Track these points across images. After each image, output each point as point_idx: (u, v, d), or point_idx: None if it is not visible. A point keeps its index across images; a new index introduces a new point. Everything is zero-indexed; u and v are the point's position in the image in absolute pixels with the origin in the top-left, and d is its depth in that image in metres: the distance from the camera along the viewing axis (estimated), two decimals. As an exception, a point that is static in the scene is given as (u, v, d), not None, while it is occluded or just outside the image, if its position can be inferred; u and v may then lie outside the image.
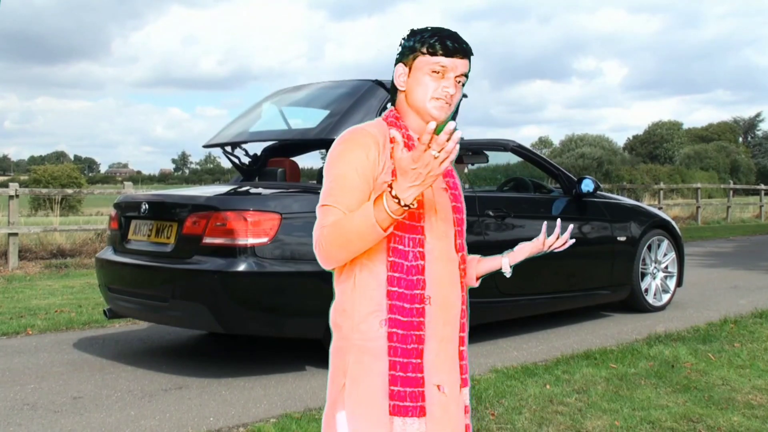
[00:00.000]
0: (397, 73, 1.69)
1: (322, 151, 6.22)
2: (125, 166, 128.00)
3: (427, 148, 1.39)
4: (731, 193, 23.13)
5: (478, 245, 1.80)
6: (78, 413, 3.76)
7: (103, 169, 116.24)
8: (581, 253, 5.82)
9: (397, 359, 1.58)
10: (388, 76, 1.72)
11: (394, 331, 1.58)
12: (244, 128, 5.60)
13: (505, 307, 5.36)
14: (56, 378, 4.42)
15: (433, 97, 1.64)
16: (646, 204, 12.54)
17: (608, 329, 5.78)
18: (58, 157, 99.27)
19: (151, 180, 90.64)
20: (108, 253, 5.06)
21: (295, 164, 5.50)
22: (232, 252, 4.25)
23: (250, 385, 4.24)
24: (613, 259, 6.14)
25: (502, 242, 5.21)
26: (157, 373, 4.51)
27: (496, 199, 5.54)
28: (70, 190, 16.56)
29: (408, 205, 1.45)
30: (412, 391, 1.58)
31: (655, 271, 6.55)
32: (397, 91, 1.70)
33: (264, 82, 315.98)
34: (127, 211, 5.02)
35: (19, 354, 5.04)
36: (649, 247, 6.47)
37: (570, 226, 1.85)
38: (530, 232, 5.41)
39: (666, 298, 6.63)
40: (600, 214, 6.12)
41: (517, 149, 5.82)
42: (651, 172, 48.33)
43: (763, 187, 23.49)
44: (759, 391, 3.97)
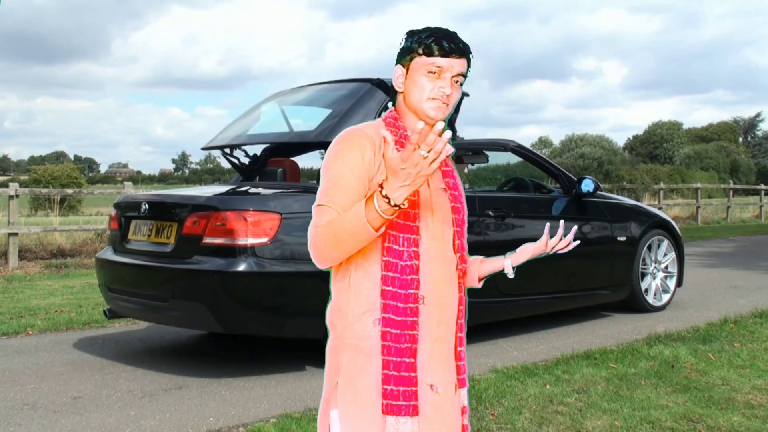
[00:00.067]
0: (395, 74, 1.69)
1: (322, 151, 6.21)
2: (125, 166, 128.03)
3: (416, 149, 1.38)
4: (731, 193, 23.13)
5: (478, 245, 1.80)
6: (78, 413, 3.76)
7: (103, 169, 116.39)
8: (581, 253, 5.76)
9: (391, 358, 1.58)
10: (389, 76, 1.73)
11: (388, 330, 1.58)
12: (243, 130, 5.61)
13: (505, 307, 5.36)
14: (56, 378, 4.42)
15: (430, 98, 1.64)
16: (646, 204, 12.53)
17: (608, 329, 5.78)
18: (58, 157, 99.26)
19: (151, 180, 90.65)
20: (108, 253, 5.07)
21: (295, 164, 5.50)
22: (232, 252, 4.25)
23: (250, 385, 4.24)
24: (613, 259, 6.14)
25: (502, 242, 5.23)
26: (157, 373, 4.51)
27: (496, 199, 5.54)
28: (70, 190, 16.55)
29: (398, 205, 1.45)
30: (405, 390, 1.58)
31: (655, 271, 6.55)
32: (397, 92, 1.71)
33: (264, 82, 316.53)
34: (127, 211, 5.02)
35: (19, 354, 5.04)
36: (649, 247, 6.47)
37: (574, 228, 1.82)
38: (530, 232, 5.46)
39: (666, 298, 6.63)
40: (600, 214, 6.12)
41: (517, 149, 5.82)
42: (651, 172, 48.32)
43: (763, 187, 23.49)
44: (759, 391, 3.97)
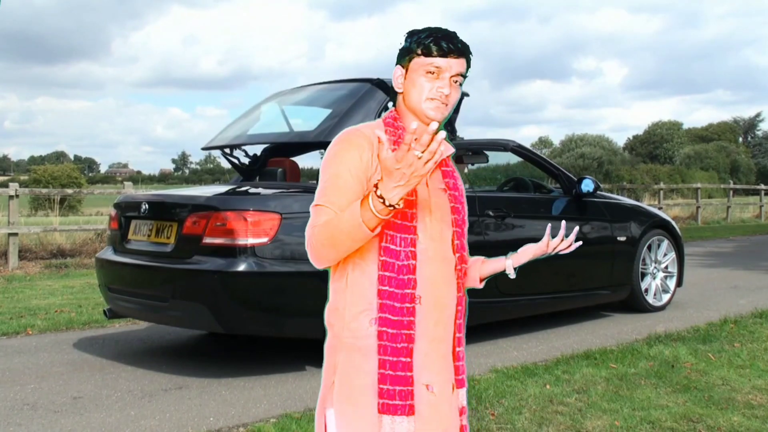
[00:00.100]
0: (395, 75, 1.69)
1: (322, 151, 6.20)
2: (125, 166, 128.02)
3: (411, 149, 1.38)
4: (731, 193, 23.13)
5: (478, 245, 1.79)
6: (78, 413, 3.76)
7: (103, 169, 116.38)
8: (581, 253, 5.73)
9: (387, 358, 1.58)
10: (389, 76, 1.73)
11: (384, 329, 1.58)
12: (243, 130, 5.61)
13: (505, 307, 5.36)
14: (56, 378, 4.42)
15: (428, 98, 1.63)
16: (646, 204, 12.54)
17: (608, 329, 5.78)
18: (58, 157, 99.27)
19: (151, 180, 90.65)
20: (108, 253, 5.07)
21: (295, 164, 5.50)
22: (232, 252, 4.25)
23: (250, 385, 4.24)
24: (613, 259, 6.14)
25: (502, 242, 5.24)
26: (157, 373, 4.51)
27: (496, 199, 5.54)
28: (70, 190, 16.55)
29: (393, 206, 1.45)
30: (402, 390, 1.57)
31: (655, 271, 6.55)
32: (397, 93, 1.71)
33: (264, 82, 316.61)
34: (127, 211, 5.02)
35: (19, 354, 5.04)
36: (649, 247, 6.47)
37: (575, 229, 1.80)
38: (530, 232, 5.46)
39: (666, 298, 6.63)
40: (600, 214, 6.12)
41: (517, 149, 5.82)
42: (651, 172, 48.31)
43: (763, 187, 23.48)
44: (759, 391, 3.97)
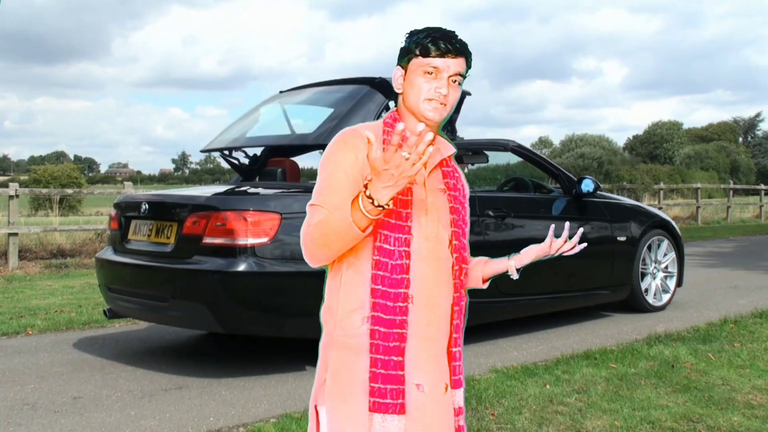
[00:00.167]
0: (395, 75, 1.69)
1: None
2: (125, 166, 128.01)
3: (398, 149, 1.38)
4: (731, 193, 23.14)
5: (478, 245, 1.79)
6: (78, 413, 3.76)
7: (103, 169, 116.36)
8: (581, 253, 5.76)
9: (379, 356, 1.58)
10: (390, 76, 1.73)
11: (377, 328, 1.58)
12: (242, 133, 5.61)
13: (505, 307, 5.36)
14: (56, 378, 4.42)
15: (427, 99, 1.63)
16: (646, 204, 12.54)
17: (608, 329, 5.78)
18: (58, 157, 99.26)
19: (151, 180, 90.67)
20: (108, 253, 5.07)
21: (295, 164, 5.50)
22: (232, 252, 4.25)
23: (250, 385, 4.24)
24: (613, 259, 6.14)
25: (502, 242, 5.24)
26: (157, 373, 4.51)
27: (496, 199, 5.54)
28: (70, 190, 16.55)
29: (382, 206, 1.45)
30: (393, 389, 1.58)
31: (655, 271, 6.55)
32: (398, 94, 1.71)
33: (264, 82, 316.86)
34: (127, 211, 5.02)
35: (19, 354, 5.04)
36: (649, 247, 6.47)
37: (580, 230, 1.80)
38: (530, 232, 5.46)
39: (666, 298, 6.63)
40: (600, 214, 6.12)
41: (517, 149, 5.83)
42: (651, 172, 48.31)
43: (763, 187, 23.49)
44: (759, 391, 3.97)
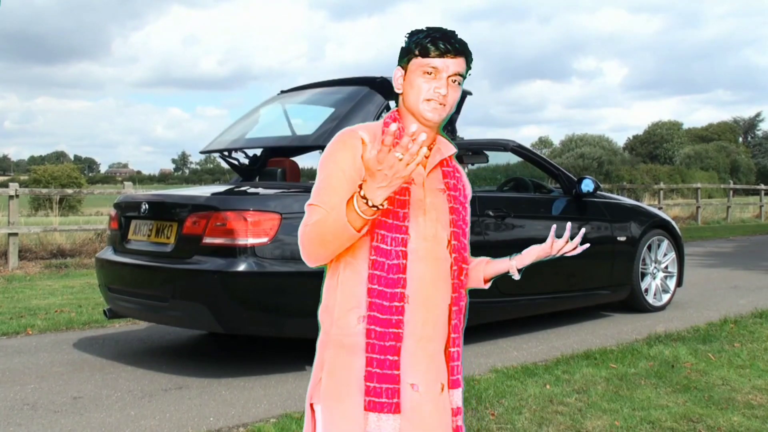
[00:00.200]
0: (395, 76, 1.70)
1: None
2: (125, 166, 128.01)
3: (390, 150, 1.39)
4: (731, 193, 23.13)
5: (478, 245, 1.79)
6: (78, 413, 3.76)
7: (103, 169, 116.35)
8: (581, 253, 5.79)
9: (375, 356, 1.58)
10: (391, 75, 1.73)
11: (373, 327, 1.58)
12: (241, 134, 5.61)
13: (505, 307, 5.36)
14: (56, 378, 4.42)
15: (426, 99, 1.63)
16: (646, 204, 12.53)
17: (608, 329, 5.78)
18: (58, 157, 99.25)
19: (151, 180, 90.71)
20: (108, 253, 5.07)
21: (295, 164, 5.50)
22: (232, 252, 4.25)
23: (250, 385, 4.24)
24: (613, 259, 6.14)
25: (502, 242, 5.24)
26: (157, 373, 4.51)
27: (496, 199, 5.54)
28: (70, 190, 16.54)
29: (377, 206, 1.46)
30: (388, 388, 1.58)
31: (655, 271, 6.55)
32: (398, 94, 1.71)
33: (264, 82, 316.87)
34: (127, 211, 5.02)
35: (19, 354, 5.04)
36: (649, 247, 6.47)
37: (582, 230, 1.79)
38: (530, 232, 5.46)
39: (666, 298, 6.63)
40: (600, 214, 6.12)
41: (517, 149, 5.83)
42: (651, 172, 48.32)
43: (763, 187, 23.49)
44: (759, 391, 3.97)
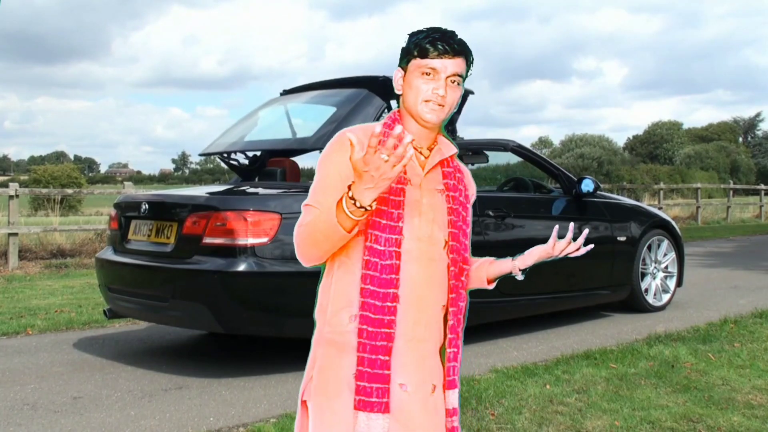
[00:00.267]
0: (395, 77, 1.70)
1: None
2: (125, 166, 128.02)
3: (376, 151, 1.39)
4: (731, 193, 23.13)
5: (478, 245, 1.78)
6: (78, 413, 3.76)
7: (103, 169, 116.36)
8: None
9: (365, 355, 1.58)
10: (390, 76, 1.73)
11: (364, 327, 1.59)
12: (240, 136, 5.61)
13: (505, 307, 5.36)
14: (56, 378, 4.42)
15: (424, 100, 1.63)
16: (646, 204, 12.53)
17: (608, 329, 5.78)
18: (58, 157, 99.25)
19: (151, 180, 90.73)
20: (108, 253, 5.07)
21: (295, 164, 5.50)
22: (232, 252, 4.25)
23: (250, 385, 4.24)
24: (613, 259, 6.13)
25: (502, 242, 5.24)
26: (157, 373, 4.51)
27: (496, 199, 5.54)
28: (70, 190, 16.54)
29: (365, 207, 1.46)
30: (378, 388, 1.58)
31: (655, 271, 6.55)
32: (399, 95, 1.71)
33: (264, 82, 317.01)
34: (127, 211, 5.02)
35: (19, 354, 5.04)
36: (649, 247, 6.47)
37: (585, 231, 1.77)
38: (530, 232, 5.46)
39: (666, 298, 6.63)
40: (600, 214, 6.12)
41: (517, 149, 5.83)
42: (651, 172, 48.32)
43: (763, 187, 23.48)
44: (759, 391, 3.97)
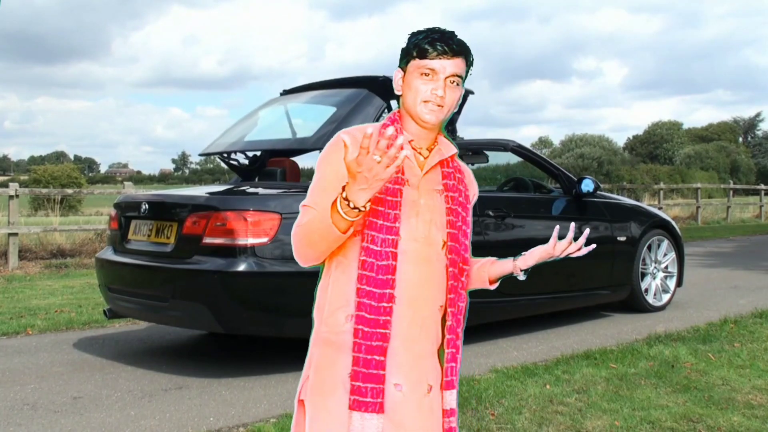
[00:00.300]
0: (395, 78, 1.70)
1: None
2: (125, 166, 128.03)
3: (368, 152, 1.39)
4: (731, 193, 23.13)
5: (478, 245, 1.78)
6: (78, 413, 3.76)
7: (103, 169, 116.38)
8: (581, 254, 5.82)
9: (361, 355, 1.59)
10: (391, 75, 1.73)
11: (360, 327, 1.59)
12: (240, 136, 5.60)
13: (505, 307, 5.36)
14: (56, 378, 4.42)
15: (423, 101, 1.63)
16: (646, 204, 12.53)
17: (608, 329, 5.78)
18: (58, 157, 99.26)
19: (151, 180, 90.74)
20: (108, 253, 5.07)
21: (295, 164, 5.50)
22: (232, 252, 4.25)
23: (250, 385, 4.24)
24: (613, 259, 6.13)
25: (502, 242, 5.24)
26: (157, 373, 4.51)
27: (496, 199, 5.54)
28: (70, 190, 16.53)
29: (359, 208, 1.46)
30: (373, 388, 1.58)
31: (655, 271, 6.55)
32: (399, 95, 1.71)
33: (264, 82, 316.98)
34: (127, 211, 5.02)
35: (19, 354, 5.04)
36: (649, 247, 6.47)
37: (586, 231, 1.77)
38: (530, 232, 5.46)
39: (666, 298, 6.63)
40: (600, 214, 6.12)
41: (517, 149, 5.83)
42: (651, 172, 48.32)
43: (763, 187, 23.49)
44: (759, 391, 3.97)
